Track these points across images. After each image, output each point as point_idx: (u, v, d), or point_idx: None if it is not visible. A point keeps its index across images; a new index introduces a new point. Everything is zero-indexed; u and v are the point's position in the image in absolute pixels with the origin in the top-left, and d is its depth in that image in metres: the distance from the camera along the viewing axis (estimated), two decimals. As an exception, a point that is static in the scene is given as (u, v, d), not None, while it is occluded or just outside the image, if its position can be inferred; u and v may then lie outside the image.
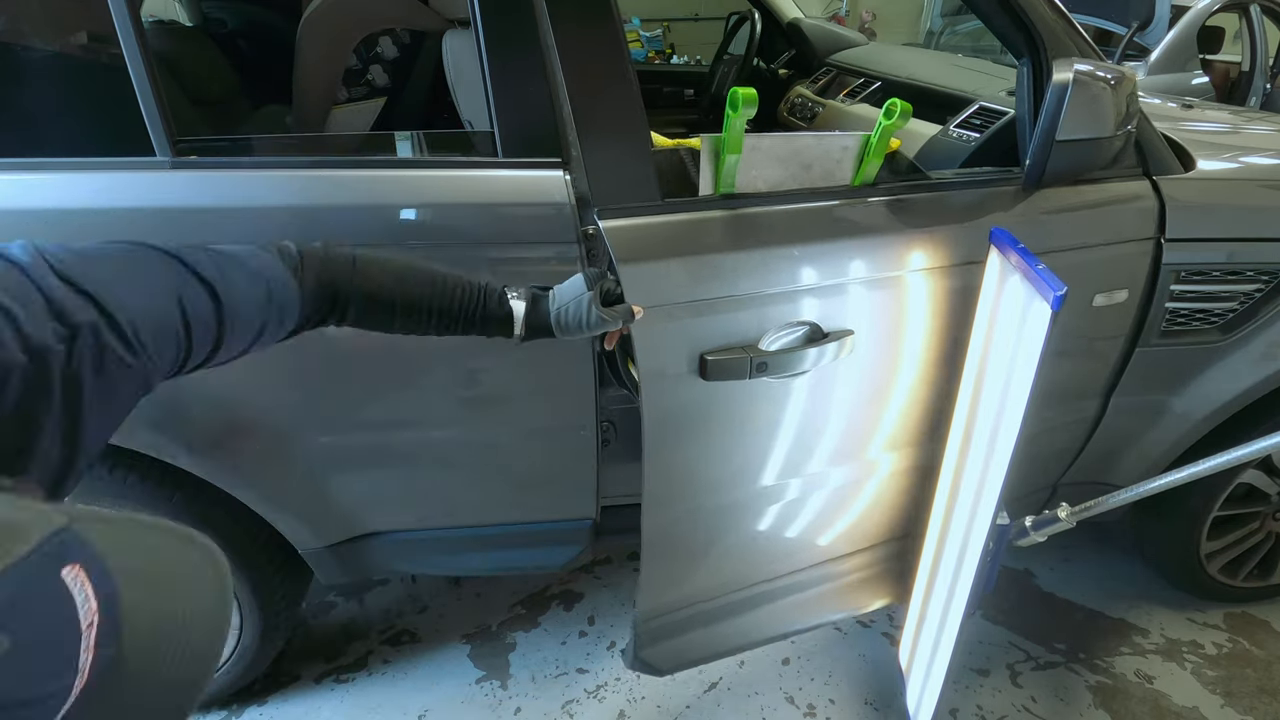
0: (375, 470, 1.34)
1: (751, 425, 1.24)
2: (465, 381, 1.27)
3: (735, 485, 1.31)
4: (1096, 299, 1.34)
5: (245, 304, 0.71)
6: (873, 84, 2.38)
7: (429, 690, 1.66)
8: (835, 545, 1.50)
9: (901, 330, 1.25)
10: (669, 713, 1.62)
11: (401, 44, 2.23)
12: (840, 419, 1.30)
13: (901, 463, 1.43)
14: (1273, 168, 1.52)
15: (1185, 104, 2.16)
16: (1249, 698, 1.67)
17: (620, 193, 1.12)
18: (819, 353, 1.16)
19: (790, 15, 2.89)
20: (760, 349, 1.14)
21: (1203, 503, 1.66)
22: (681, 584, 1.39)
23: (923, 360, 1.29)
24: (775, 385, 1.19)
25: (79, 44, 1.30)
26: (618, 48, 1.10)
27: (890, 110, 1.10)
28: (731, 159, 1.10)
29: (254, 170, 1.12)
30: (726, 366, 1.11)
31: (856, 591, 1.56)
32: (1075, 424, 1.53)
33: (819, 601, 1.52)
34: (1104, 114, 1.16)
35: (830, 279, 1.17)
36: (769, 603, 1.48)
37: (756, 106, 1.02)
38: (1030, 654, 1.76)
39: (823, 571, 1.52)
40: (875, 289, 1.21)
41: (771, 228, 1.17)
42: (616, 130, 1.12)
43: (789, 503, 1.38)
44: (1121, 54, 4.07)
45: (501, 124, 1.13)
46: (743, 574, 1.45)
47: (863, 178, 1.21)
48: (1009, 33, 1.28)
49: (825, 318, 1.18)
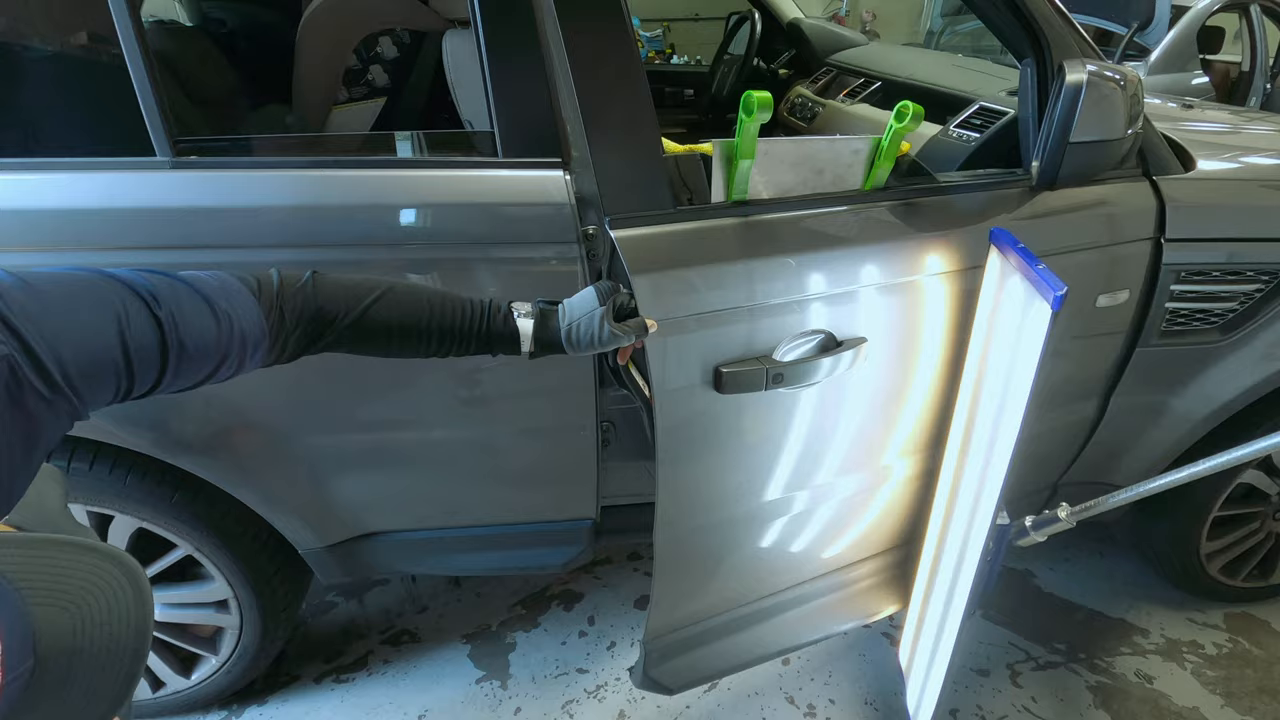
0: (375, 470, 1.33)
1: (766, 437, 1.21)
2: (465, 382, 1.26)
3: (748, 498, 1.28)
4: (1100, 300, 1.33)
5: (197, 336, 0.70)
6: (873, 84, 2.38)
7: (429, 690, 1.66)
8: (845, 554, 1.50)
9: (915, 336, 1.23)
10: (669, 713, 1.62)
11: (401, 44, 2.23)
12: (852, 427, 1.28)
13: (912, 469, 1.43)
14: (1273, 168, 1.52)
15: (1185, 104, 2.16)
16: (1249, 698, 1.67)
17: (632, 201, 1.10)
18: (834, 361, 1.14)
19: (790, 15, 2.89)
20: (775, 360, 1.12)
21: (1203, 503, 1.66)
22: (692, 600, 1.37)
23: (934, 365, 1.29)
24: (787, 396, 1.17)
25: (79, 44, 1.30)
26: (630, 52, 1.08)
27: (901, 113, 1.08)
28: (744, 164, 1.08)
29: (254, 170, 1.12)
30: (742, 379, 1.09)
31: (866, 599, 1.55)
32: (1075, 424, 1.53)
33: (829, 611, 1.50)
34: (1115, 115, 1.16)
35: (843, 286, 1.15)
36: (778, 615, 1.46)
37: (771, 110, 1.00)
38: (1030, 654, 1.76)
39: (833, 580, 1.50)
40: (888, 294, 1.19)
41: (784, 234, 1.14)
42: (628, 137, 1.10)
43: (800, 514, 1.37)
44: (1121, 54, 4.07)
45: (501, 124, 1.13)
46: (752, 587, 1.43)
47: (873, 182, 1.19)
48: (1011, 33, 1.27)
49: (839, 326, 1.16)
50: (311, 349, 0.85)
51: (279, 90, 1.98)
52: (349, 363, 1.21)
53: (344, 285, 0.86)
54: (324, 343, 0.85)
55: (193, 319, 0.70)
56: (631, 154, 1.10)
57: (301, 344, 0.83)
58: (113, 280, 0.67)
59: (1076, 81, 1.13)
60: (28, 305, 0.59)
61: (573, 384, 1.28)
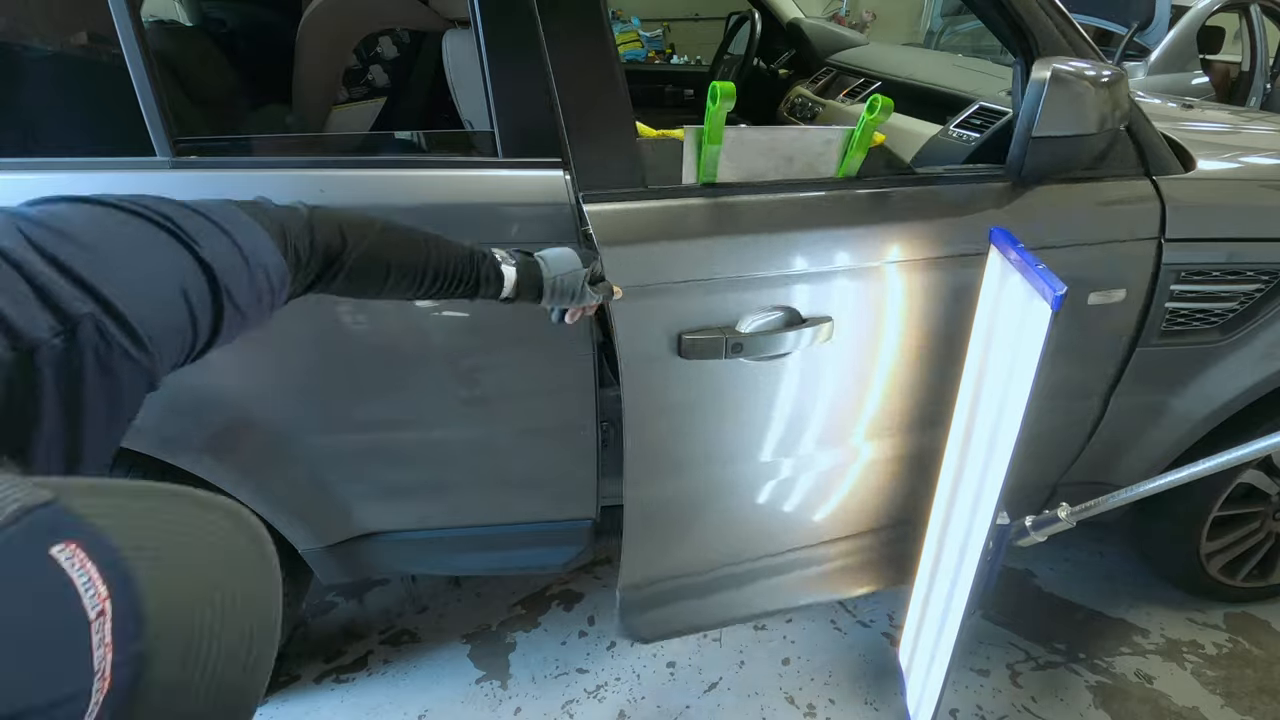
0: (375, 470, 1.34)
1: (730, 407, 1.27)
2: (465, 381, 1.26)
3: (713, 464, 1.34)
4: (1091, 298, 1.34)
5: (244, 290, 0.63)
6: (873, 84, 2.38)
7: (429, 690, 1.66)
8: (818, 530, 1.52)
9: (881, 320, 1.27)
10: (669, 713, 1.62)
11: (401, 44, 2.23)
12: (818, 405, 1.33)
13: (880, 452, 1.44)
14: (1273, 168, 1.52)
15: (1185, 104, 2.16)
16: (1249, 698, 1.67)
17: (604, 178, 1.15)
18: (796, 337, 1.20)
19: (790, 15, 2.89)
20: (736, 330, 1.18)
21: (1203, 503, 1.66)
22: (664, 556, 1.43)
23: (902, 351, 1.31)
24: (752, 368, 1.22)
25: (79, 44, 1.30)
26: (602, 35, 1.12)
27: (872, 105, 1.12)
28: (712, 149, 1.13)
29: (254, 170, 1.12)
30: (702, 346, 1.16)
31: (840, 577, 1.59)
32: (1075, 424, 1.53)
33: (802, 584, 1.56)
34: (1084, 111, 1.16)
35: (810, 267, 1.20)
36: (752, 582, 1.52)
37: (734, 100, 1.04)
38: (1030, 654, 1.76)
39: (806, 555, 1.55)
40: (856, 278, 1.23)
41: (752, 216, 1.20)
42: (602, 117, 1.14)
43: (771, 485, 1.41)
44: (1121, 54, 4.07)
45: (501, 124, 1.13)
46: (725, 552, 1.48)
47: (845, 170, 1.23)
48: (1004, 32, 1.29)
49: (804, 304, 1.21)
50: (313, 289, 0.79)
51: (279, 90, 1.98)
52: (349, 362, 1.22)
53: (342, 219, 0.81)
54: (324, 282, 0.80)
55: (239, 273, 0.63)
56: (604, 134, 1.15)
57: (310, 279, 0.77)
58: (157, 228, 0.59)
59: (1040, 77, 1.14)
60: (88, 256, 0.52)
61: (573, 384, 1.28)
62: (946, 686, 1.36)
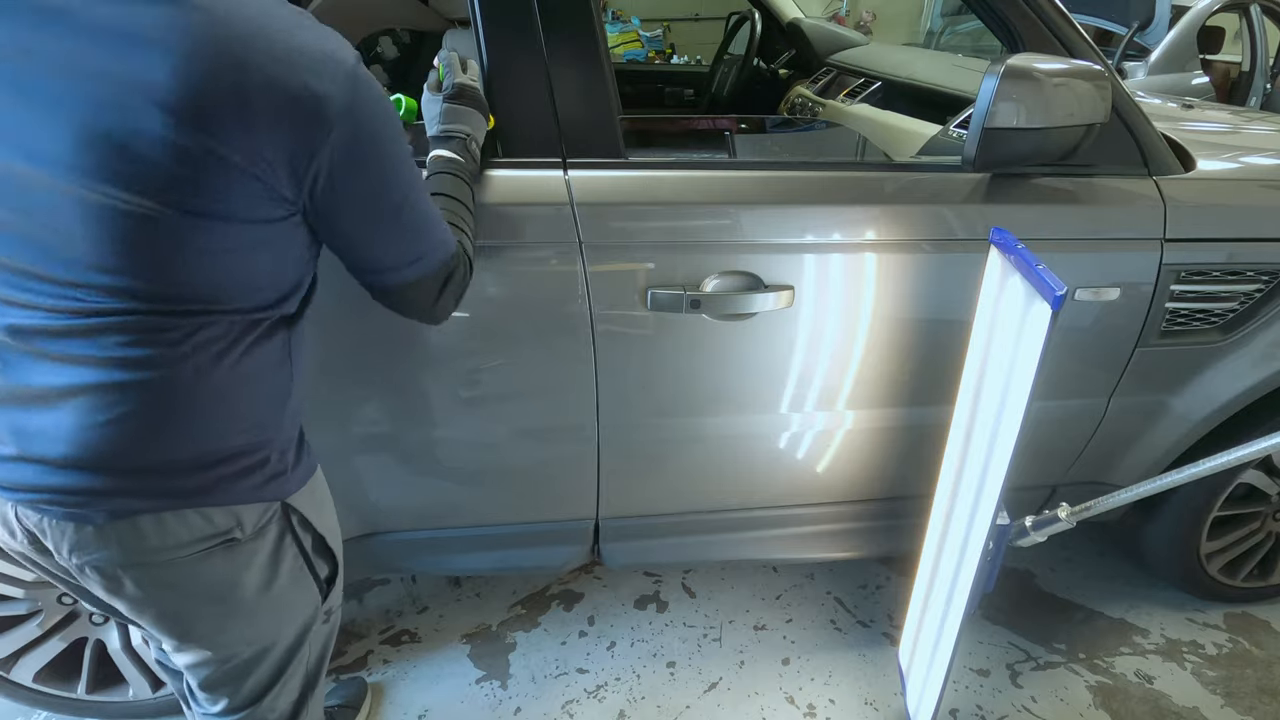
0: (375, 470, 1.34)
1: (695, 363, 1.33)
2: (466, 381, 1.27)
3: (680, 414, 1.38)
4: (1080, 294, 1.34)
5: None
6: (873, 84, 2.37)
7: (429, 690, 1.66)
8: (790, 493, 1.55)
9: (841, 293, 1.31)
10: (669, 713, 1.62)
11: (401, 44, 2.23)
12: (776, 368, 1.36)
13: (836, 424, 1.45)
14: (1273, 168, 1.52)
15: (1185, 104, 2.16)
16: (1249, 698, 1.67)
17: (585, 147, 1.20)
18: (754, 299, 1.26)
19: (790, 15, 2.88)
20: (698, 289, 1.24)
21: (1203, 503, 1.66)
22: (637, 493, 1.48)
23: (859, 324, 1.34)
24: (719, 326, 1.28)
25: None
26: (591, 30, 1.16)
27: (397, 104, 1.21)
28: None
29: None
30: (664, 300, 1.24)
31: (814, 540, 1.64)
32: (1075, 424, 1.53)
33: (774, 541, 1.62)
34: (1038, 104, 1.17)
35: (772, 239, 1.27)
36: (725, 532, 1.58)
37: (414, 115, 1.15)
38: (1030, 654, 1.76)
39: (779, 514, 1.58)
40: (818, 252, 1.29)
41: (721, 189, 1.26)
42: (585, 91, 1.19)
43: (736, 440, 1.44)
44: (1122, 54, 4.08)
45: (501, 124, 1.13)
46: (693, 498, 1.52)
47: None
48: (997, 30, 1.32)
49: (767, 272, 1.27)
50: None
51: (279, 90, 1.97)
52: (350, 362, 1.22)
53: (462, 246, 0.97)
54: None
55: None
56: (586, 105, 1.19)
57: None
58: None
59: (994, 70, 1.16)
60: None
61: (573, 383, 1.28)
62: (946, 686, 1.36)
